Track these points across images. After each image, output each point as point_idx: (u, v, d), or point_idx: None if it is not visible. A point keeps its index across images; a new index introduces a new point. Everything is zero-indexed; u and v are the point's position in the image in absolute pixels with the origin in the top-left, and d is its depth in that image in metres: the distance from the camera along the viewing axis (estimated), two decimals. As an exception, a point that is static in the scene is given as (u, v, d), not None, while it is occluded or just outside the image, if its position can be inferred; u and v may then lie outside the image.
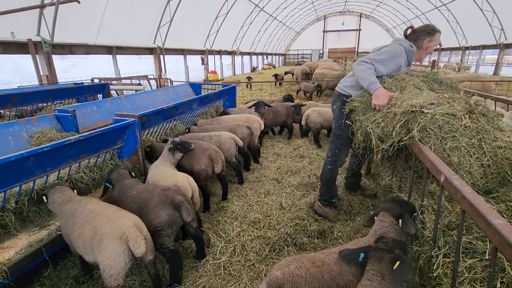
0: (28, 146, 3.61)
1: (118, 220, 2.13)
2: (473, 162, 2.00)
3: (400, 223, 1.95)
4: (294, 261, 1.88)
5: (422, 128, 2.15)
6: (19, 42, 8.50)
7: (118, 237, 2.04)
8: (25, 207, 2.60)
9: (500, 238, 1.18)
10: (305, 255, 1.95)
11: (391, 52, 2.82)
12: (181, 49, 17.59)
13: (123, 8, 11.82)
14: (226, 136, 4.27)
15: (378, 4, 31.86)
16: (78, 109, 4.46)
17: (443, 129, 2.10)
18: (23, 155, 2.32)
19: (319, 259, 1.88)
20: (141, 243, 2.06)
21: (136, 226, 2.13)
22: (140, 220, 2.25)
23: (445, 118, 2.13)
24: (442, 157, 2.02)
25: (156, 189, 2.60)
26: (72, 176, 3.01)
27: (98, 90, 7.19)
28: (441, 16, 22.94)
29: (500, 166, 2.01)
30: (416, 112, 2.22)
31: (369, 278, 1.57)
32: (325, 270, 1.81)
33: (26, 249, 2.37)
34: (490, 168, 2.00)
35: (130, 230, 2.08)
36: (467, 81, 8.50)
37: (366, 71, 2.69)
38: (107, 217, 2.19)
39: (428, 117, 2.14)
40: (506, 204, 1.87)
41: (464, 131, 2.08)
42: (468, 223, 1.82)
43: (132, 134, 3.51)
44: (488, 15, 17.65)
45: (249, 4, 21.57)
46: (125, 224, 2.11)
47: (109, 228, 2.08)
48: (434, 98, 2.30)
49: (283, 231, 3.09)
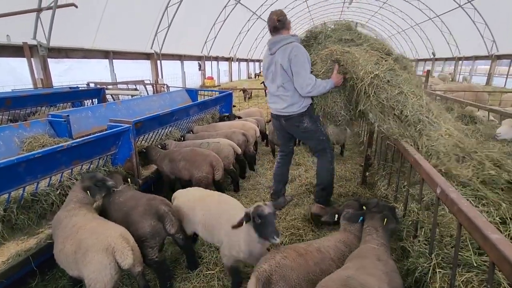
0: (19, 152, 3.54)
1: (104, 232, 2.06)
2: (414, 102, 2.68)
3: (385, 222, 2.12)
4: (279, 252, 1.97)
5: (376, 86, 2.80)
6: (15, 46, 8.43)
7: (103, 249, 1.96)
8: (14, 214, 2.53)
9: (498, 253, 1.17)
10: (288, 246, 2.07)
11: (305, 55, 3.07)
12: (178, 54, 17.63)
13: (121, 12, 11.83)
14: (224, 143, 4.24)
15: (373, 14, 32.42)
16: (72, 114, 4.40)
17: (391, 82, 2.81)
18: (13, 161, 2.27)
19: (302, 247, 2.04)
20: (128, 254, 1.98)
21: (123, 237, 2.06)
22: (126, 231, 2.18)
23: (391, 73, 2.86)
24: (392, 103, 2.74)
25: (142, 199, 2.55)
26: (64, 183, 2.95)
27: (93, 94, 7.13)
28: (435, 27, 23.41)
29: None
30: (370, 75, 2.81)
31: (368, 233, 2.07)
32: (308, 257, 1.96)
33: (13, 258, 2.29)
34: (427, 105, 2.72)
35: (117, 241, 2.00)
36: (460, 91, 8.63)
37: (319, 85, 3.04)
38: (91, 230, 2.10)
39: (380, 77, 2.81)
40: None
41: (404, 81, 2.81)
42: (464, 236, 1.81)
43: (126, 140, 3.47)
44: (480, 27, 18.06)
45: (247, 11, 21.79)
46: (111, 235, 2.04)
47: (94, 241, 2.00)
48: (374, 61, 2.93)
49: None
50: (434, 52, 26.42)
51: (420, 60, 31.20)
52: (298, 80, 3.03)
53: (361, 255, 1.88)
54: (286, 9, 26.43)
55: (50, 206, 2.79)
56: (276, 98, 3.30)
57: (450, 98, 6.21)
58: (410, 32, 29.57)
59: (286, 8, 26.26)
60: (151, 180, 3.96)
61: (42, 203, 2.74)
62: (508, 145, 3.42)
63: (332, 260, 2.01)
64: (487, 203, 2.03)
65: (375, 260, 1.79)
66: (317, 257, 1.98)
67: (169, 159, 3.86)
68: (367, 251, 1.90)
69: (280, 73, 3.13)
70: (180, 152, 3.90)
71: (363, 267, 1.70)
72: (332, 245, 2.12)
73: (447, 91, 8.62)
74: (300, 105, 3.19)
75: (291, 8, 26.86)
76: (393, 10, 27.45)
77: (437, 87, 10.31)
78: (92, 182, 2.53)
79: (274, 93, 3.30)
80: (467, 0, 17.49)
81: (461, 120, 4.44)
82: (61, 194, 2.88)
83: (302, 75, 3.01)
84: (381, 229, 2.05)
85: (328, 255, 2.02)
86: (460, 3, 18.20)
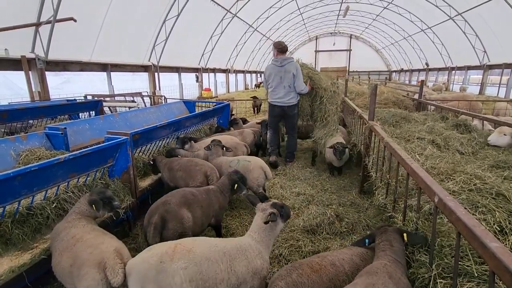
0: (15, 165, 3.51)
1: (98, 246, 2.00)
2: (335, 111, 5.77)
3: (405, 237, 2.03)
4: (294, 269, 1.96)
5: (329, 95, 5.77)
6: (13, 59, 8.48)
7: (96, 264, 1.90)
8: (8, 229, 2.49)
9: (498, 262, 1.16)
10: (303, 262, 2.05)
11: (301, 70, 5.53)
12: (175, 67, 17.80)
13: (119, 26, 11.98)
14: (256, 163, 3.97)
15: (367, 26, 33.18)
16: (69, 126, 4.39)
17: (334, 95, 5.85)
18: (9, 175, 2.25)
19: (316, 263, 2.01)
20: (119, 272, 1.89)
21: (117, 253, 1.99)
22: (123, 245, 2.14)
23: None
24: (330, 107, 5.71)
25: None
26: (60, 196, 2.91)
27: (91, 107, 7.14)
28: (427, 38, 23.96)
29: None
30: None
31: (382, 249, 1.95)
32: (323, 273, 1.94)
33: (7, 274, 2.24)
34: None
35: (109, 257, 1.93)
36: (455, 100, 8.76)
37: (305, 88, 5.53)
38: (87, 243, 2.06)
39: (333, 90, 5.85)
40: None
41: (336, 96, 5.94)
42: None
43: (124, 152, 3.45)
44: (471, 38, 18.50)
45: (243, 24, 22.21)
46: (105, 250, 1.98)
47: (89, 255, 1.95)
48: (329, 82, 6.04)
49: (276, 252, 3.02)
50: (428, 63, 26.92)
51: (414, 71, 31.74)
52: (298, 83, 5.40)
53: (371, 272, 1.83)
54: (282, 21, 27.03)
55: (45, 220, 2.74)
56: (282, 94, 5.45)
57: (445, 108, 6.31)
58: (403, 43, 30.20)
59: (282, 21, 26.87)
60: (148, 192, 3.93)
61: (38, 217, 2.69)
62: (503, 153, 3.47)
63: (346, 275, 1.98)
64: (483, 211, 2.04)
65: (386, 278, 1.73)
66: (332, 272, 1.97)
67: (168, 168, 3.89)
68: (378, 268, 1.84)
69: (288, 78, 5.37)
70: (179, 162, 3.93)
71: (371, 285, 1.66)
72: (348, 259, 2.09)
73: (443, 101, 8.75)
74: (296, 98, 5.60)
75: (286, 20, 27.44)
76: (386, 22, 28.14)
77: (432, 97, 10.48)
78: (100, 198, 2.52)
79: (281, 91, 5.43)
80: (457, 12, 17.98)
81: (456, 129, 4.50)
82: (57, 208, 2.84)
83: (300, 81, 5.42)
84: (396, 244, 1.96)
85: (342, 269, 2.00)
86: (451, 15, 18.71)
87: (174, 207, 2.67)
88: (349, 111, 7.03)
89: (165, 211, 2.61)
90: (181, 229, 2.61)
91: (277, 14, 23.59)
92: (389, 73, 39.06)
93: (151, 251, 1.97)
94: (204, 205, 2.94)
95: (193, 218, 2.73)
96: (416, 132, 4.24)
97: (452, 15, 18.65)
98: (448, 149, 3.67)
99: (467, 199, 2.18)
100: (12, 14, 8.01)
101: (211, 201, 3.06)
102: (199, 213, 2.84)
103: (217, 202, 3.12)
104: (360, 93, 9.20)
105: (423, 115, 5.77)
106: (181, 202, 2.74)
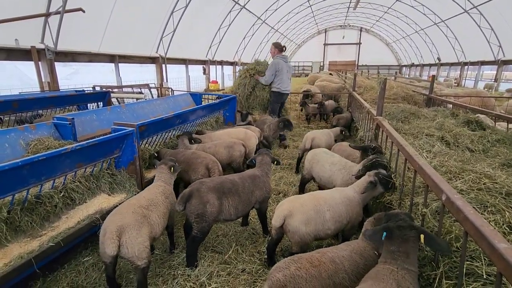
0: (24, 154, 3.57)
1: (111, 216, 2.33)
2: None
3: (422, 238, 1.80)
4: (293, 262, 1.95)
5: None
6: (23, 49, 8.58)
7: (103, 228, 2.25)
8: (18, 216, 2.54)
9: (506, 264, 1.13)
10: (302, 256, 2.04)
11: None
12: (183, 59, 17.77)
13: (127, 17, 11.99)
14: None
15: (378, 19, 32.44)
16: (77, 117, 4.44)
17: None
18: (18, 164, 2.28)
19: (316, 258, 1.99)
20: (109, 244, 2.12)
21: (118, 227, 2.18)
22: (132, 224, 2.24)
23: None
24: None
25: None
26: (67, 185, 2.96)
27: (99, 98, 7.20)
28: (440, 32, 23.33)
29: None
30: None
31: (393, 257, 1.75)
32: (322, 269, 1.93)
33: (16, 260, 2.30)
34: None
35: (110, 229, 2.18)
36: (467, 97, 8.55)
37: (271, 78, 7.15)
38: (117, 208, 2.45)
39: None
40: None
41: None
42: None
43: (130, 143, 3.48)
44: (486, 32, 17.94)
45: (252, 16, 21.95)
46: (112, 220, 2.25)
47: (106, 219, 2.33)
48: None
49: (282, 246, 3.02)
50: (439, 57, 26.27)
51: (425, 65, 31.05)
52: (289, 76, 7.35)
53: (377, 278, 1.70)
54: (291, 13, 26.64)
55: (53, 208, 2.80)
56: (287, 84, 7.18)
57: (457, 104, 6.16)
58: (415, 37, 29.51)
59: (290, 13, 26.47)
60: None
61: (46, 205, 2.75)
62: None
63: (345, 273, 1.96)
64: (493, 211, 1.99)
65: (393, 286, 1.62)
66: (331, 269, 1.94)
67: None
68: (385, 274, 1.70)
69: (290, 71, 7.37)
70: (183, 154, 3.94)
71: None
72: (347, 256, 2.05)
73: (455, 97, 8.54)
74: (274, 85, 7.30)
75: (295, 12, 27.02)
76: (398, 15, 27.46)
77: (443, 92, 10.23)
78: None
79: (287, 81, 7.14)
80: (473, 5, 17.41)
81: (467, 126, 4.39)
82: (64, 197, 2.90)
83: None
84: (413, 256, 1.74)
85: (342, 267, 1.97)
86: (466, 8, 18.13)
87: (205, 189, 2.78)
88: (356, 106, 6.92)
89: (196, 188, 2.77)
90: (202, 210, 2.70)
91: (285, 6, 23.21)
92: (399, 67, 38.31)
93: (302, 199, 2.71)
94: (243, 193, 2.99)
95: (223, 205, 2.85)
96: (425, 128, 4.16)
97: (467, 8, 18.06)
98: (457, 147, 3.59)
99: (475, 198, 2.13)
100: (21, 4, 8.06)
101: (255, 187, 3.10)
102: (235, 201, 2.92)
103: (262, 187, 3.15)
104: (368, 87, 9.04)
105: (433, 111, 5.64)
106: (214, 188, 2.82)
